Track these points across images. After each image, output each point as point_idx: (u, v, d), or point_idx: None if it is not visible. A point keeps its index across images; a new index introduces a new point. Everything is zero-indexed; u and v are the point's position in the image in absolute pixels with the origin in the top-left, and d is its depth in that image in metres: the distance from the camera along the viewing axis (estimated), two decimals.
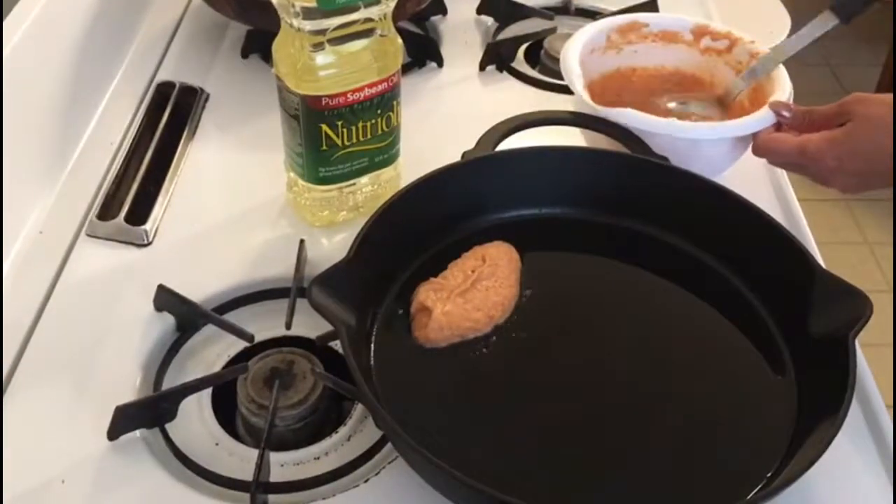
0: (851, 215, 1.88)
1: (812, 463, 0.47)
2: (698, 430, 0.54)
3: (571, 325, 0.60)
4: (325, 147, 0.63)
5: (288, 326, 0.60)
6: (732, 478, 0.52)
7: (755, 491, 0.50)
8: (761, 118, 0.68)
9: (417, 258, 0.62)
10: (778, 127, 0.67)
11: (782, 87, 0.70)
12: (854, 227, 1.86)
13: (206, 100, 0.80)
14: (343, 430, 0.56)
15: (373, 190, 0.68)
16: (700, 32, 0.77)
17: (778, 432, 0.54)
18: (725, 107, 0.74)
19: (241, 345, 0.60)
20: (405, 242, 0.61)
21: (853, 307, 0.54)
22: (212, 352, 0.61)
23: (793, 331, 0.58)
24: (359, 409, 0.57)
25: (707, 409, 0.55)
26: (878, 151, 0.60)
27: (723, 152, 0.70)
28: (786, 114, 0.67)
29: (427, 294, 0.58)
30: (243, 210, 0.70)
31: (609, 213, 0.65)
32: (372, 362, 0.56)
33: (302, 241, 0.65)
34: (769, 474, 0.51)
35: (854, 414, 0.56)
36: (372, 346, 0.57)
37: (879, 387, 0.61)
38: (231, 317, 0.63)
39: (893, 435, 0.56)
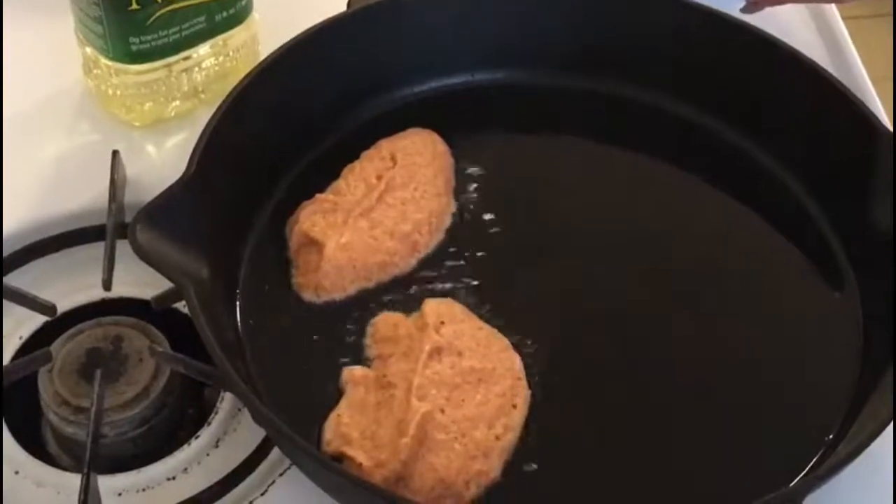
0: None
1: (887, 422, 0.46)
2: (731, 377, 0.54)
3: (536, 243, 0.59)
4: (135, 5, 0.60)
5: (107, 286, 0.57)
6: (780, 447, 0.51)
7: (812, 462, 0.50)
8: None
9: (295, 166, 0.60)
10: None
11: None
12: None
13: None
14: (206, 434, 0.54)
15: (218, 64, 0.66)
16: None
17: (838, 373, 0.53)
18: None
19: (40, 319, 0.58)
20: (274, 143, 0.59)
21: None
22: None
23: (851, 226, 0.58)
24: (227, 399, 0.55)
25: (740, 347, 0.55)
26: None
27: None
28: None
29: (313, 220, 0.56)
30: (20, 112, 0.67)
31: (572, 72, 0.64)
32: (240, 330, 0.54)
33: (115, 153, 0.62)
34: (829, 437, 0.51)
35: None
36: (238, 305, 0.55)
37: None
38: (17, 278, 0.60)
39: None
